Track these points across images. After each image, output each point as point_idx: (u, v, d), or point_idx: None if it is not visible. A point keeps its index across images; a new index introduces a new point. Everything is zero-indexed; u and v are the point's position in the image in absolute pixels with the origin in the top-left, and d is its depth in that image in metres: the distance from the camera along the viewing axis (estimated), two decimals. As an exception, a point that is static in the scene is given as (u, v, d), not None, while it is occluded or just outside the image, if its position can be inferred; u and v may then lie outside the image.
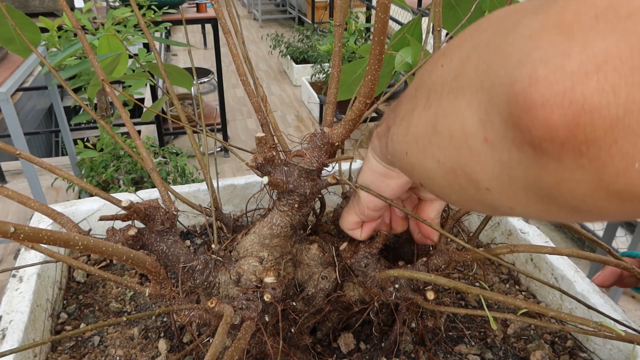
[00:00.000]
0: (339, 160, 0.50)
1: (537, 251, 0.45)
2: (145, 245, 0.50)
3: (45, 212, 0.48)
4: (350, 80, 0.77)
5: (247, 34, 6.51)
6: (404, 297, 0.50)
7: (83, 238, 0.31)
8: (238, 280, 0.50)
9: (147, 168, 0.55)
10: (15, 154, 0.48)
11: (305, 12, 6.58)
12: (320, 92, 3.98)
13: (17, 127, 1.80)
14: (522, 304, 0.43)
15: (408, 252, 0.56)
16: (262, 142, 0.47)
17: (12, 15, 0.64)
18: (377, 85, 0.40)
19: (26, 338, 0.53)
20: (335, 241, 0.57)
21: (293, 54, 4.67)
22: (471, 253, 0.47)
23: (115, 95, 0.56)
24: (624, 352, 0.55)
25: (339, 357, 0.58)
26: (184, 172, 2.24)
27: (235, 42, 0.56)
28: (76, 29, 0.56)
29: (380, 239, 0.53)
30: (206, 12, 3.02)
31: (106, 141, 2.13)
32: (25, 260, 0.63)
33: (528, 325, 0.63)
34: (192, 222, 0.81)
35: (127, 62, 0.80)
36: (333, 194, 0.83)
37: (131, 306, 0.65)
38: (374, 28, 0.36)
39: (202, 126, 0.60)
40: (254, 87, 0.58)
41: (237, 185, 0.80)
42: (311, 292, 0.54)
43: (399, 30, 0.77)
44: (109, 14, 2.02)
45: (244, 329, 0.45)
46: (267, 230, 0.52)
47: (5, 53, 1.97)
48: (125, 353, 0.58)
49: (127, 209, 0.46)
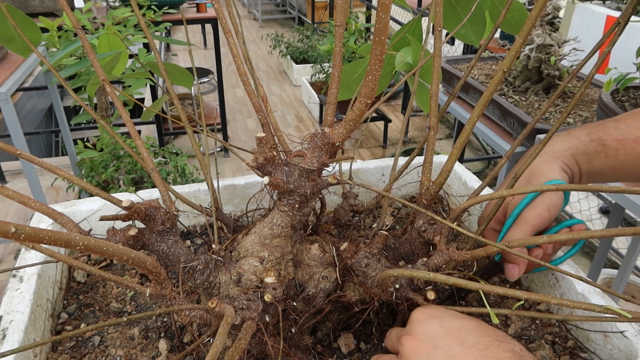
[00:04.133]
0: (340, 160, 0.50)
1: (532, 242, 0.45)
2: (146, 245, 0.50)
3: (46, 212, 0.48)
4: (350, 80, 0.77)
5: (247, 34, 6.51)
6: (405, 297, 0.50)
7: (83, 238, 0.31)
8: (238, 281, 0.50)
9: (148, 168, 0.55)
10: (16, 154, 0.48)
11: (305, 12, 6.58)
12: (320, 92, 3.98)
13: (17, 127, 1.80)
14: (523, 294, 0.42)
15: (408, 252, 0.56)
16: (263, 142, 0.47)
17: (13, 15, 0.64)
18: (378, 86, 0.40)
19: (26, 338, 0.53)
20: (336, 241, 0.57)
21: (293, 54, 4.67)
22: (471, 253, 0.47)
23: (116, 95, 0.56)
24: (625, 352, 0.55)
25: (339, 357, 0.58)
26: (184, 172, 2.24)
27: (235, 42, 0.56)
28: (76, 29, 0.56)
29: (380, 239, 0.53)
30: (206, 12, 3.02)
31: (106, 141, 2.13)
32: (25, 260, 0.63)
33: (529, 325, 0.63)
34: (193, 222, 0.81)
35: (127, 60, 0.80)
36: (333, 194, 0.83)
37: (131, 306, 0.65)
38: (374, 28, 0.36)
39: (202, 126, 0.60)
40: (255, 87, 0.58)
41: (238, 185, 0.80)
42: (312, 292, 0.54)
43: (399, 30, 0.77)
44: (109, 14, 2.02)
45: (244, 329, 0.45)
46: (268, 231, 0.52)
47: (5, 53, 1.97)
48: (125, 353, 0.58)
49: (128, 209, 0.46)
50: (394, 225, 0.83)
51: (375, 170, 0.88)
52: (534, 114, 1.62)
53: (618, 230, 0.40)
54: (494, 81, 0.45)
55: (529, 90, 1.77)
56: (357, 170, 0.87)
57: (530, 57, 1.71)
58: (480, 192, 0.57)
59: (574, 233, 0.42)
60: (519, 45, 0.42)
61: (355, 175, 0.87)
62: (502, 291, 0.43)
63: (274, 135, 0.56)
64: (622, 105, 1.27)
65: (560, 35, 1.68)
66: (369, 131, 3.93)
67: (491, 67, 2.05)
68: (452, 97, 0.62)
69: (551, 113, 1.64)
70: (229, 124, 3.95)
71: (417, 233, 0.54)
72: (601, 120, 0.65)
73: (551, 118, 1.62)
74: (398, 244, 0.57)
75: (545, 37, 1.65)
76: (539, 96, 1.75)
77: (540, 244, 0.55)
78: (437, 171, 0.68)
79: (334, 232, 0.62)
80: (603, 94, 1.29)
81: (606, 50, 0.53)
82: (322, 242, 0.56)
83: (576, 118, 1.62)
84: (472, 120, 0.48)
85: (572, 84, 1.88)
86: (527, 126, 0.58)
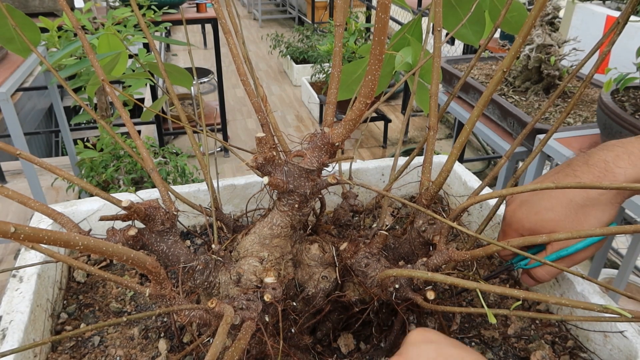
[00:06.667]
0: (339, 160, 0.50)
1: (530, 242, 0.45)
2: (146, 245, 0.50)
3: (46, 212, 0.48)
4: (350, 80, 0.77)
5: (247, 34, 6.51)
6: (404, 297, 0.50)
7: (83, 238, 0.31)
8: (238, 281, 0.50)
9: (147, 168, 0.55)
10: (16, 154, 0.48)
11: (305, 12, 6.58)
12: (320, 92, 3.98)
13: (17, 127, 1.80)
14: (521, 293, 0.42)
15: (408, 252, 0.56)
16: (263, 142, 0.47)
17: (13, 15, 0.64)
18: (377, 85, 0.40)
19: (26, 338, 0.53)
20: (336, 241, 0.57)
21: (293, 54, 4.67)
22: (470, 252, 0.47)
23: (115, 95, 0.56)
24: (624, 352, 0.55)
25: (339, 357, 0.58)
26: (184, 172, 2.24)
27: (235, 42, 0.56)
28: (76, 29, 0.56)
29: (380, 239, 0.53)
30: (206, 12, 3.02)
31: (106, 141, 2.13)
32: (25, 260, 0.63)
33: (529, 325, 0.63)
34: (192, 222, 0.81)
35: (127, 60, 0.80)
36: (333, 194, 0.83)
37: (131, 306, 0.65)
38: (374, 28, 0.36)
39: (202, 126, 0.60)
40: (254, 87, 0.58)
41: (237, 185, 0.80)
42: (311, 292, 0.54)
43: (399, 30, 0.77)
44: (109, 14, 2.02)
45: (244, 329, 0.45)
46: (268, 231, 0.52)
47: (5, 53, 1.97)
48: (125, 353, 0.58)
49: (128, 209, 0.46)
50: (393, 225, 0.83)
51: (375, 170, 0.88)
52: (533, 114, 1.62)
53: (618, 228, 0.40)
54: (494, 81, 0.45)
55: (529, 90, 1.77)
56: (357, 170, 0.87)
57: (530, 57, 1.71)
58: (480, 192, 0.57)
59: (573, 232, 0.42)
60: (518, 45, 0.42)
61: (355, 175, 0.87)
62: (500, 290, 0.43)
63: (274, 135, 0.56)
64: (622, 105, 1.27)
65: (560, 35, 1.68)
66: (369, 131, 3.93)
67: (491, 67, 2.05)
68: (452, 97, 0.62)
69: (551, 113, 1.64)
70: (229, 124, 3.95)
71: (416, 233, 0.54)
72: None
73: (551, 118, 1.62)
74: (398, 244, 0.57)
75: (545, 37, 1.65)
76: (539, 96, 1.75)
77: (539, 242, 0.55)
78: (437, 171, 0.67)
79: (334, 232, 0.62)
80: (603, 94, 1.29)
81: (606, 50, 0.53)
82: (321, 242, 0.56)
83: (576, 118, 1.62)
84: (472, 120, 0.48)
85: (572, 84, 1.88)
86: (527, 126, 0.58)
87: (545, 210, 0.55)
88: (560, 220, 0.54)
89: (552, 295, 0.43)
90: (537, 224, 0.55)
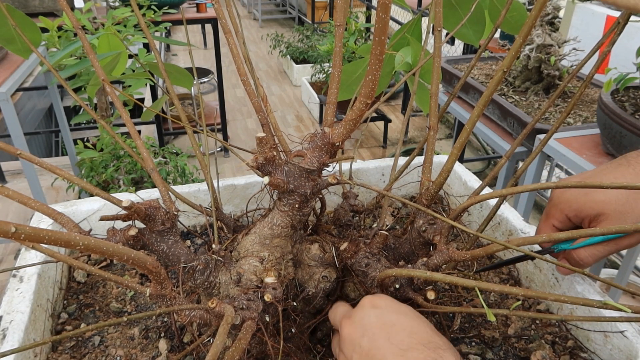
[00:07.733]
0: (340, 160, 0.50)
1: (532, 242, 0.45)
2: (146, 245, 0.50)
3: (46, 212, 0.48)
4: (350, 80, 0.77)
5: (247, 34, 6.51)
6: (405, 297, 0.50)
7: (84, 238, 0.31)
8: (239, 281, 0.50)
9: (148, 168, 0.55)
10: (16, 154, 0.48)
11: (305, 12, 6.58)
12: (320, 92, 3.98)
13: (17, 127, 1.80)
14: (520, 291, 0.42)
15: (408, 252, 0.56)
16: (263, 142, 0.47)
17: (13, 15, 0.64)
18: (378, 85, 0.40)
19: (27, 338, 0.53)
20: (336, 241, 0.57)
21: (293, 54, 4.67)
22: (470, 252, 0.47)
23: (116, 95, 0.56)
24: (625, 352, 0.55)
25: (339, 357, 0.58)
26: (184, 172, 2.24)
27: (235, 42, 0.56)
28: (76, 29, 0.56)
29: (380, 239, 0.53)
30: (206, 12, 3.02)
31: (106, 141, 2.13)
32: (25, 260, 0.63)
33: (529, 325, 0.63)
34: (193, 222, 0.81)
35: (127, 61, 0.80)
36: (333, 194, 0.83)
37: (131, 306, 0.65)
38: (374, 28, 0.36)
39: (202, 126, 0.60)
40: (255, 87, 0.58)
41: (238, 185, 0.80)
42: (312, 292, 0.54)
43: (399, 30, 0.77)
44: (109, 14, 2.02)
45: (244, 329, 0.45)
46: (268, 231, 0.52)
47: (5, 53, 1.97)
48: (125, 353, 0.58)
49: (128, 209, 0.46)
50: (394, 225, 0.83)
51: (375, 170, 0.88)
52: (534, 114, 1.62)
53: (618, 228, 0.40)
54: (494, 81, 0.45)
55: (529, 90, 1.77)
56: (357, 170, 0.87)
57: (530, 57, 1.71)
58: (480, 192, 0.57)
59: (573, 232, 0.42)
60: (518, 45, 0.42)
61: (355, 175, 0.87)
62: (499, 288, 0.43)
63: (274, 135, 0.56)
64: (622, 105, 1.27)
65: (560, 35, 1.68)
66: (369, 131, 3.93)
67: (491, 67, 2.05)
68: (452, 97, 0.62)
69: (551, 113, 1.64)
70: (229, 124, 3.95)
71: (417, 233, 0.54)
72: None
73: (551, 118, 1.62)
74: (398, 243, 0.57)
75: (545, 37, 1.65)
76: (539, 96, 1.75)
77: (540, 242, 0.55)
78: (437, 171, 0.68)
79: (334, 232, 0.62)
80: (603, 94, 1.29)
81: (606, 50, 0.53)
82: (322, 242, 0.56)
83: (576, 118, 1.62)
84: (472, 120, 0.48)
85: (572, 84, 1.88)
86: (527, 126, 0.58)
87: (595, 191, 0.54)
88: (610, 202, 0.53)
89: (551, 293, 0.43)
90: (586, 204, 0.54)
